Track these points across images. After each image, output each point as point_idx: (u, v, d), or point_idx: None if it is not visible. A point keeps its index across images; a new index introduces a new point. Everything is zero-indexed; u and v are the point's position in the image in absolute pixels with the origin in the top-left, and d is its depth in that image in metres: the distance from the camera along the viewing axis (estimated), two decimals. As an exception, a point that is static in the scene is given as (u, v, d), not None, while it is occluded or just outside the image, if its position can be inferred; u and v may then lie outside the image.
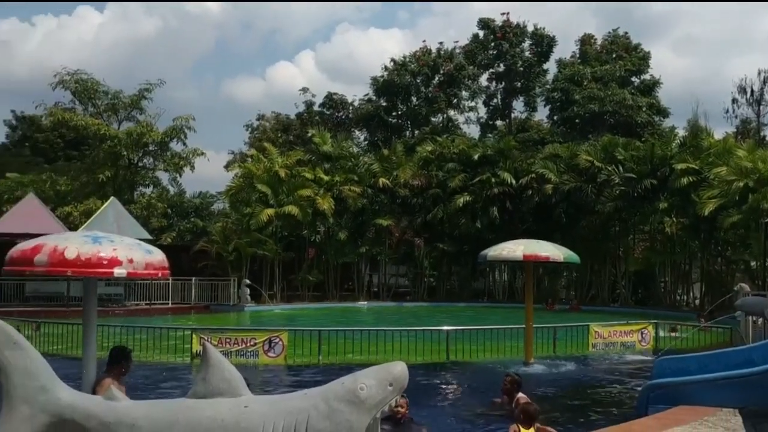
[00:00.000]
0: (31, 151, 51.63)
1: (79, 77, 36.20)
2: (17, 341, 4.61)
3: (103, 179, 34.72)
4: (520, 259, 14.32)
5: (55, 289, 28.84)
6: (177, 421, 4.41)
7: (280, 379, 13.59)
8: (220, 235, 34.08)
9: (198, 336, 15.18)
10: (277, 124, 49.55)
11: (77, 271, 6.80)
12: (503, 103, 48.52)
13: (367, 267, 39.04)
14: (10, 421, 4.49)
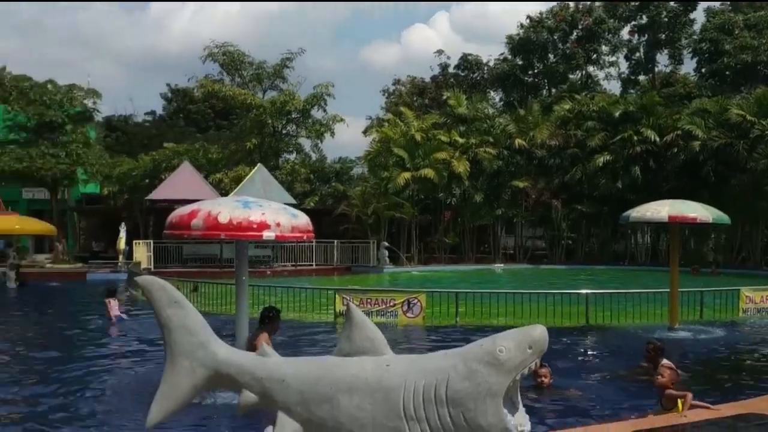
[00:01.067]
0: (185, 121, 54.51)
1: (226, 49, 37.72)
2: (178, 301, 4.92)
3: (251, 147, 36.19)
4: (665, 220, 13.61)
5: (210, 251, 30.54)
6: (323, 378, 4.57)
7: (418, 339, 13.77)
8: (359, 198, 34.75)
9: (341, 296, 15.64)
10: (412, 88, 49.56)
11: (229, 235, 7.17)
12: (646, 57, 45.95)
13: (502, 229, 38.64)
14: (173, 374, 4.83)
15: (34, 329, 15.24)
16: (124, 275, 27.04)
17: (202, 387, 4.94)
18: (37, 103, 34.66)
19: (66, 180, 35.46)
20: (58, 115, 34.96)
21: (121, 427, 7.13)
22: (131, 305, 19.44)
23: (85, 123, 37.70)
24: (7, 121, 35.16)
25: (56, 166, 33.76)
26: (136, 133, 51.50)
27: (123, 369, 10.48)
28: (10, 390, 9.11)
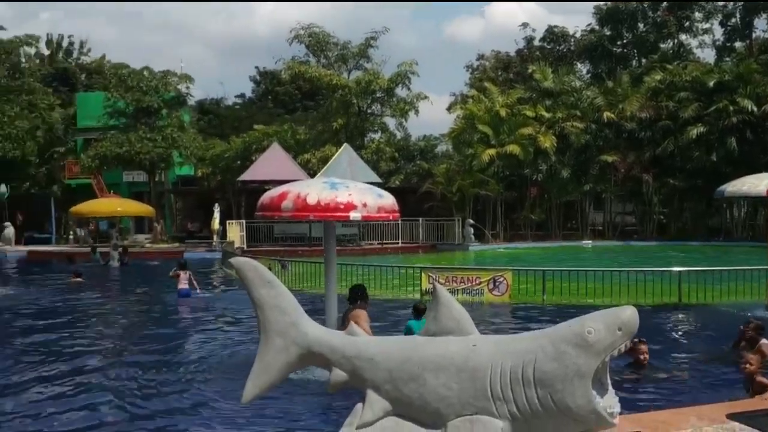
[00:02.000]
0: (273, 103, 55.49)
1: (311, 31, 38.10)
2: (270, 281, 5.05)
3: (337, 127, 36.56)
4: (762, 194, 13.04)
5: (299, 230, 31.14)
6: (410, 358, 4.62)
7: (504, 318, 13.69)
8: (444, 176, 34.64)
9: (426, 274, 15.69)
10: (497, 62, 48.81)
11: (318, 215, 7.32)
12: (743, 23, 43.63)
13: (591, 205, 37.78)
14: (267, 352, 4.97)
15: (135, 305, 15.97)
16: (218, 254, 27.97)
17: (295, 365, 5.07)
18: (134, 90, 36.00)
19: (163, 163, 36.79)
20: (154, 100, 36.23)
21: (215, 400, 7.40)
22: (226, 284, 20.14)
23: (180, 107, 38.93)
24: (107, 107, 36.65)
25: (153, 150, 35.04)
26: (227, 116, 52.80)
27: (213, 342, 10.86)
28: (110, 360, 9.61)
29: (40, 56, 50.70)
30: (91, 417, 7.03)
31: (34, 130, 39.76)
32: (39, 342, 11.17)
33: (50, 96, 42.59)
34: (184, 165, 39.61)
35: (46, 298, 17.26)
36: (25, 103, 39.88)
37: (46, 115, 41.17)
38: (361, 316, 7.60)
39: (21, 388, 8.21)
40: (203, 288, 17.49)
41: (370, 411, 4.64)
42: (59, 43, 53.41)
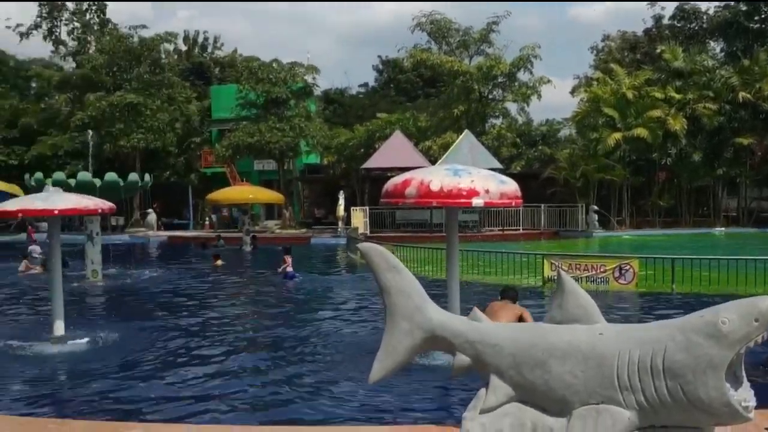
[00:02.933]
0: (396, 91, 55.87)
1: (433, 18, 38.02)
2: (395, 266, 5.13)
3: (458, 113, 36.36)
4: None
5: (421, 217, 31.33)
6: (535, 344, 4.58)
7: (631, 306, 13.24)
8: (567, 161, 33.80)
9: (549, 261, 15.40)
10: (623, 43, 46.88)
11: (441, 202, 7.34)
12: None
13: (724, 190, 35.76)
14: (393, 335, 5.07)
15: (265, 285, 16.59)
16: (343, 240, 28.60)
17: (419, 348, 5.13)
18: (264, 82, 37.26)
19: (291, 152, 37.91)
20: (283, 91, 37.36)
21: (339, 381, 7.59)
22: (350, 269, 20.57)
23: (306, 98, 39.95)
24: (239, 99, 38.14)
25: (282, 139, 36.17)
26: (351, 105, 53.69)
27: (341, 325, 11.13)
28: (242, 339, 10.07)
29: (178, 52, 53.37)
30: (213, 394, 7.36)
31: (173, 122, 42.07)
32: (176, 321, 11.84)
33: (187, 89, 44.86)
34: (310, 153, 40.64)
35: (185, 279, 18.30)
36: (165, 97, 42.24)
37: (184, 107, 43.43)
38: (526, 314, 7.91)
39: (160, 365, 8.71)
40: (329, 272, 17.96)
41: (494, 396, 4.64)
42: (195, 39, 56.04)
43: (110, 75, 43.15)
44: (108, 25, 50.38)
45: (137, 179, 25.30)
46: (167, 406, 6.86)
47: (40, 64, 53.53)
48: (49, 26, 50.63)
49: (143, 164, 40.87)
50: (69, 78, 45.07)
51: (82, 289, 15.94)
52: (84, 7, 50.34)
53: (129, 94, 39.94)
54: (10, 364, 8.57)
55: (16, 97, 48.93)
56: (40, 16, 50.29)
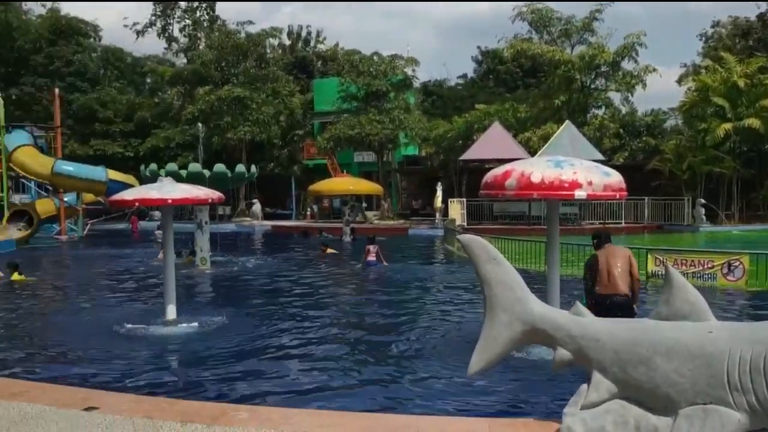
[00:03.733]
0: (495, 82, 55.23)
1: (534, 7, 37.30)
2: (496, 258, 5.10)
3: (558, 104, 35.58)
4: None
5: (518, 209, 30.91)
6: (639, 340, 4.45)
7: (740, 304, 12.60)
8: (673, 153, 32.49)
9: (653, 256, 14.88)
10: (734, 29, 44.50)
11: (542, 194, 7.19)
12: None
13: None
14: (492, 327, 5.03)
15: (364, 274, 16.78)
16: (440, 231, 28.57)
17: (519, 340, 5.08)
18: (365, 75, 37.64)
19: (390, 144, 38.18)
20: (383, 84, 37.63)
21: (437, 372, 7.60)
22: (448, 260, 20.54)
23: (406, 90, 40.08)
24: (341, 92, 38.69)
25: (381, 132, 36.46)
26: (449, 97, 53.46)
27: (437, 315, 11.13)
28: (342, 326, 10.23)
29: (282, 47, 54.62)
30: (318, 380, 7.50)
31: (277, 115, 43.14)
32: (279, 307, 12.15)
33: (291, 83, 45.89)
34: (409, 145, 40.79)
35: (288, 267, 18.76)
36: (269, 91, 43.37)
37: (288, 101, 44.46)
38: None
39: (265, 350, 8.96)
40: (426, 263, 17.96)
41: (596, 393, 4.54)
42: (299, 33, 57.15)
43: (218, 70, 44.68)
44: (217, 22, 52.19)
45: (244, 170, 26.13)
46: (273, 389, 7.06)
47: (154, 61, 56.09)
48: (163, 24, 52.95)
49: (249, 156, 42.10)
50: (180, 73, 46.97)
51: (192, 276, 16.60)
52: (195, 5, 52.29)
53: (236, 88, 41.24)
54: (127, 345, 9.04)
55: (132, 93, 51.45)
56: (155, 15, 52.66)
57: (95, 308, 12.44)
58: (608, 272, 7.95)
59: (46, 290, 15.25)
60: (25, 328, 10.54)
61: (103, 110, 46.96)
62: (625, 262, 8.03)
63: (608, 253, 8.15)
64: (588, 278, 8.25)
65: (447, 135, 38.48)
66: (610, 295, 7.88)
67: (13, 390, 6.15)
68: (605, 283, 7.94)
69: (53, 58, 49.61)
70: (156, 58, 57.35)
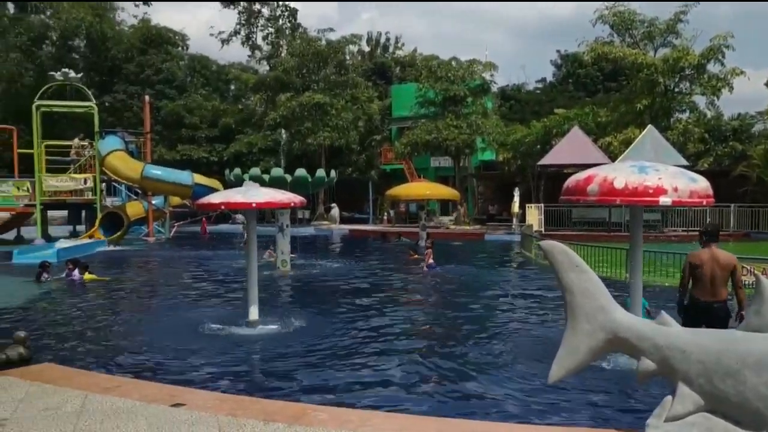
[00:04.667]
0: (574, 86, 54.22)
1: (616, 10, 36.42)
2: (579, 265, 5.00)
3: (640, 108, 34.58)
4: None
5: (598, 215, 30.20)
6: (728, 351, 4.29)
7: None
8: (762, 158, 31.09)
9: (740, 265, 14.23)
10: (831, 31, 42.35)
11: (625, 200, 7.02)
12: None
13: None
14: (573, 335, 4.94)
15: (443, 282, 16.74)
16: (517, 237, 28.22)
17: (601, 350, 4.97)
18: (443, 80, 37.58)
19: (467, 149, 37.97)
20: (461, 89, 37.48)
21: (518, 378, 7.50)
22: (525, 266, 20.26)
23: (483, 95, 39.80)
24: (418, 97, 38.73)
25: (459, 137, 36.32)
26: (527, 101, 52.79)
27: (514, 321, 10.99)
28: (421, 328, 10.24)
29: (362, 53, 55.18)
30: (395, 383, 7.51)
31: (356, 120, 43.58)
32: (358, 310, 12.25)
33: (370, 89, 46.27)
34: (486, 150, 40.48)
35: (366, 270, 18.90)
36: (349, 97, 43.86)
37: (366, 106, 44.84)
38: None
39: (344, 352, 9.05)
40: (502, 268, 17.74)
41: (681, 405, 4.40)
42: (377, 39, 57.63)
43: (300, 77, 45.48)
44: (298, 30, 53.20)
45: (324, 175, 26.60)
46: (351, 391, 7.13)
47: (238, 68, 57.60)
48: (247, 32, 54.35)
49: (327, 161, 42.70)
50: (263, 80, 48.03)
51: (273, 277, 16.93)
52: (277, 13, 53.46)
53: (316, 95, 41.87)
54: (211, 344, 9.29)
55: (217, 99, 52.95)
56: (239, 23, 54.10)
57: (180, 308, 12.86)
58: (711, 276, 7.61)
59: (133, 290, 15.86)
60: (114, 325, 10.98)
61: (190, 116, 48.49)
62: (728, 268, 7.66)
63: (713, 256, 7.73)
64: (686, 276, 7.91)
65: (525, 140, 37.94)
66: (709, 301, 7.56)
67: (106, 385, 6.43)
68: (707, 287, 7.60)
69: (144, 67, 51.61)
70: (240, 65, 58.87)
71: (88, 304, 13.33)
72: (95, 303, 13.48)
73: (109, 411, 5.53)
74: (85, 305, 13.10)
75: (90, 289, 15.30)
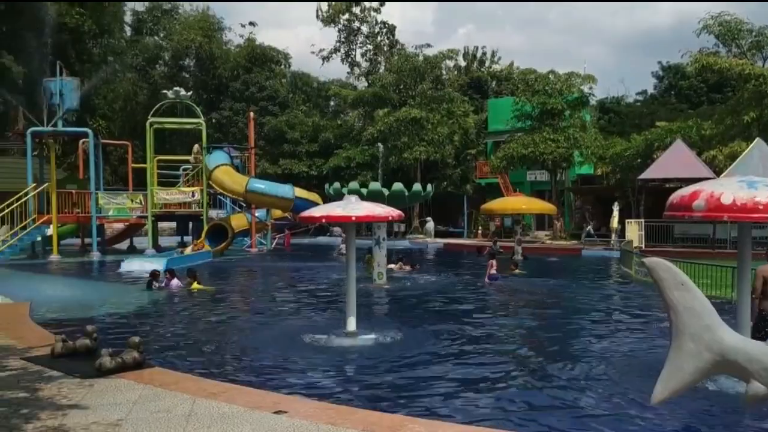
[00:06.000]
0: (677, 98, 52.26)
1: (722, 19, 34.94)
2: (684, 283, 4.82)
3: (748, 120, 32.92)
4: None
5: (701, 231, 28.94)
6: None
7: None
8: None
9: None
10: None
11: (733, 216, 6.72)
12: None
13: None
14: (679, 355, 4.75)
15: (539, 297, 16.44)
16: (616, 253, 27.38)
17: (708, 371, 4.77)
18: (540, 93, 37.07)
19: (564, 162, 37.25)
20: (558, 102, 36.85)
21: (618, 399, 7.27)
22: (624, 283, 19.62)
23: (582, 108, 38.98)
24: (515, 111, 38.33)
25: (556, 150, 35.68)
26: (627, 114, 51.26)
27: (614, 339, 10.65)
28: (514, 345, 10.08)
29: (458, 68, 55.17)
30: (489, 397, 7.42)
31: (452, 134, 43.58)
32: (452, 324, 12.18)
33: (466, 103, 46.19)
34: (584, 164, 39.58)
35: (461, 284, 18.82)
36: (444, 111, 43.93)
37: (462, 121, 44.77)
38: None
39: (440, 366, 9.01)
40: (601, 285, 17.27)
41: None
42: (474, 54, 57.44)
43: (397, 92, 45.95)
44: (396, 46, 53.79)
45: (420, 189, 26.80)
46: (446, 405, 7.10)
47: (337, 84, 58.75)
48: (346, 50, 55.41)
49: (423, 175, 42.84)
50: (362, 96, 48.79)
51: (369, 290, 17.10)
52: (376, 30, 54.26)
53: (413, 110, 42.17)
54: (310, 353, 9.46)
55: (317, 115, 54.18)
56: (339, 41, 55.24)
57: (281, 317, 13.20)
58: None
59: (236, 299, 16.40)
60: (218, 333, 11.36)
61: (291, 132, 49.80)
62: None
63: None
64: (757, 290, 7.56)
65: (624, 153, 36.83)
66: None
67: (212, 390, 6.67)
68: None
69: (248, 85, 53.47)
70: (339, 81, 60.08)
71: (194, 311, 13.88)
72: (201, 311, 14.01)
73: (215, 416, 5.74)
74: (192, 313, 13.65)
75: (196, 297, 15.92)
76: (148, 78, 54.92)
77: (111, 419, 5.57)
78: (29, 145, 27.66)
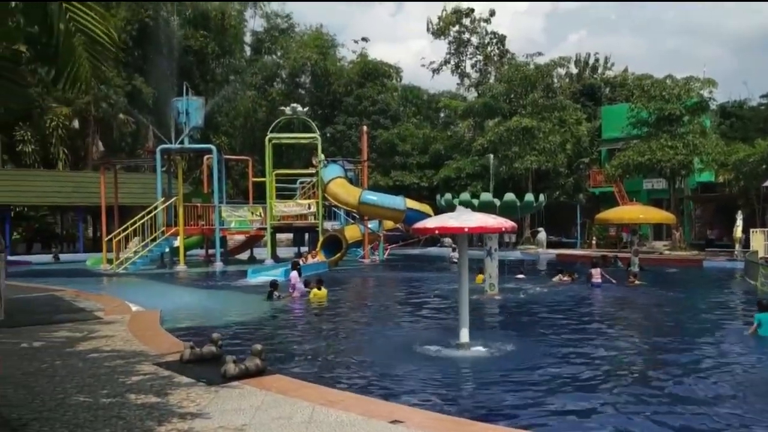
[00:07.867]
0: (806, 100, 48.86)
1: None
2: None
3: None
4: None
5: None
6: None
7: None
8: None
9: None
10: None
11: None
12: None
13: None
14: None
15: (660, 309, 15.77)
16: (740, 264, 25.85)
17: None
18: (656, 99, 35.59)
19: (683, 170, 35.56)
20: (676, 107, 35.24)
21: (742, 418, 6.87)
22: (748, 296, 18.49)
23: (701, 113, 37.10)
24: (630, 118, 36.95)
25: (674, 157, 34.13)
26: (750, 118, 48.34)
27: (736, 357, 10.04)
28: (628, 358, 9.68)
29: (570, 75, 53.92)
30: (605, 415, 7.14)
31: (564, 143, 42.59)
32: (565, 336, 11.87)
33: (578, 111, 45.04)
34: (704, 171, 37.62)
35: (573, 295, 18.32)
36: (556, 120, 43.02)
37: (574, 129, 43.68)
38: None
39: (551, 379, 8.78)
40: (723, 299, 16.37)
41: None
42: (586, 61, 55.99)
43: (507, 102, 45.44)
44: (506, 56, 53.25)
45: (532, 199, 26.28)
46: (561, 421, 6.93)
47: (447, 96, 58.82)
48: (456, 61, 55.37)
49: (534, 184, 42.08)
50: (471, 107, 48.59)
51: (481, 301, 16.96)
52: (486, 41, 53.96)
53: (524, 119, 41.55)
54: (423, 364, 9.47)
55: (428, 127, 54.39)
56: (449, 53, 55.31)
57: (394, 327, 13.32)
58: None
59: (351, 309, 16.67)
60: (334, 342, 11.61)
61: (402, 144, 50.27)
62: None
63: None
64: None
65: (748, 159, 34.74)
66: None
67: (330, 398, 6.81)
68: None
69: (361, 99, 54.46)
70: (449, 93, 60.11)
71: (311, 320, 14.24)
72: (318, 320, 14.36)
73: (334, 423, 5.85)
74: (308, 321, 14.02)
75: (314, 306, 16.31)
76: (266, 95, 57.01)
77: (236, 424, 5.80)
78: (158, 162, 29.28)
